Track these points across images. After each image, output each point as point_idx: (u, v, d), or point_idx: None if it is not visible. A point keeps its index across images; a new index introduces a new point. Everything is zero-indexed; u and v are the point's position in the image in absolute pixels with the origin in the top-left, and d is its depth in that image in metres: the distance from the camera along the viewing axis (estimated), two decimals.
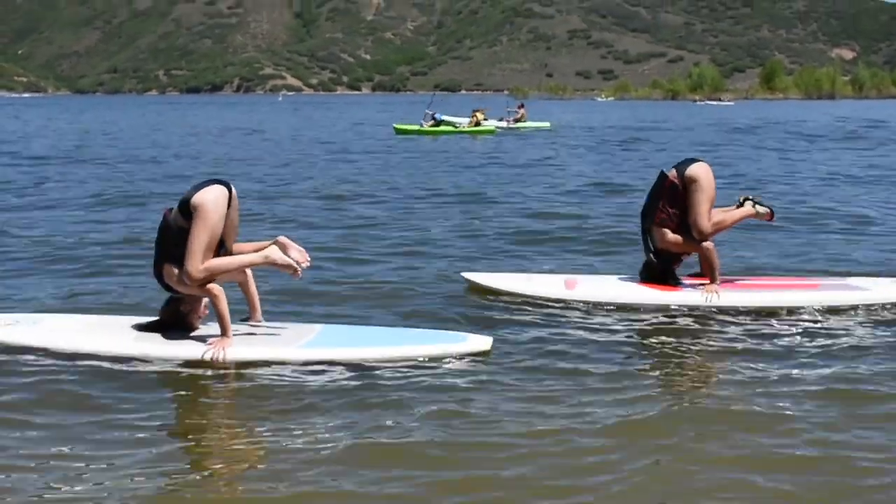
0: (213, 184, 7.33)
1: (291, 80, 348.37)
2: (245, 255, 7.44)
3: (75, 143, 36.98)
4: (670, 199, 9.01)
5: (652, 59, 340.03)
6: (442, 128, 42.76)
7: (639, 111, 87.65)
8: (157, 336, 7.49)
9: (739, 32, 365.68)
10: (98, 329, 7.62)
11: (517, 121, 48.26)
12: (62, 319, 7.89)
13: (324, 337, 7.57)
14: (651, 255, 9.18)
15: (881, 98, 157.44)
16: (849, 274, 10.07)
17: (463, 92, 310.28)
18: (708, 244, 9.01)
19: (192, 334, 7.55)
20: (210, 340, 7.32)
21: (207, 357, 7.18)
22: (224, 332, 7.30)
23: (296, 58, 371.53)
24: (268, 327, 7.84)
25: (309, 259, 7.56)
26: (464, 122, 43.76)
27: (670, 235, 9.03)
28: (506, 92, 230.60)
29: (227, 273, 7.33)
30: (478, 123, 43.09)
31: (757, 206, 9.37)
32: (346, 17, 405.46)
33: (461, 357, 7.40)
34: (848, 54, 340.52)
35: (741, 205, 9.37)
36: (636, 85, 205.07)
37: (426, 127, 42.97)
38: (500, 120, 47.70)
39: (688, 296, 8.95)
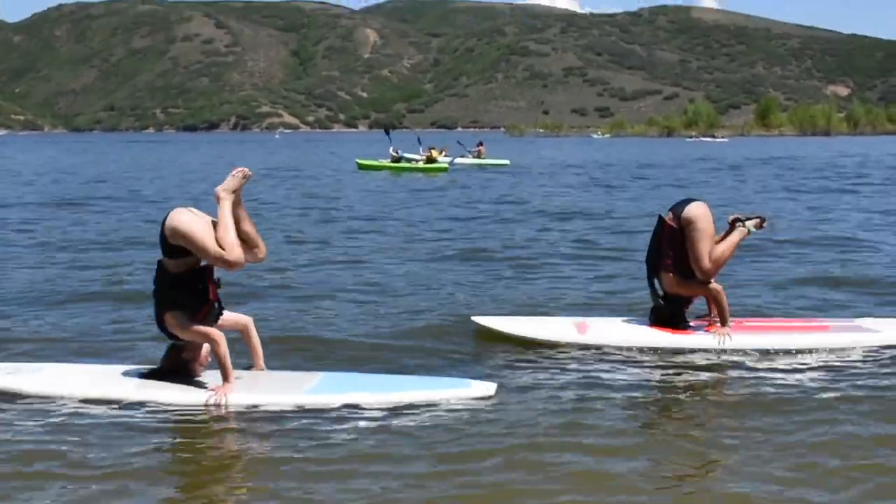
0: (174, 209, 7.33)
1: (288, 118, 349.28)
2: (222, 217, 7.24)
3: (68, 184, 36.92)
4: (672, 244, 8.92)
5: (647, 96, 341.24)
6: (402, 164, 44.13)
7: (611, 148, 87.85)
8: (159, 383, 7.42)
9: (734, 69, 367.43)
10: (100, 377, 7.56)
11: (477, 156, 49.91)
12: (64, 368, 7.82)
13: (326, 384, 7.50)
14: (660, 300, 9.08)
15: (876, 134, 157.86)
16: (857, 314, 10.04)
17: (459, 129, 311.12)
18: (716, 287, 8.92)
19: (195, 381, 7.49)
20: (212, 387, 7.28)
21: (210, 403, 7.13)
22: (226, 378, 7.25)
23: (293, 95, 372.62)
24: (270, 375, 7.79)
25: (246, 170, 7.40)
26: (420, 158, 44.96)
27: (677, 280, 8.93)
28: (502, 129, 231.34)
29: (236, 231, 7.17)
30: (432, 160, 43.95)
31: (747, 224, 9.18)
32: (342, 55, 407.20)
33: (466, 403, 7.32)
34: (843, 91, 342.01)
35: (732, 228, 9.20)
36: (632, 122, 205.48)
37: (386, 162, 44.45)
38: (462, 157, 49.24)
39: (700, 339, 8.85)
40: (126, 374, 7.64)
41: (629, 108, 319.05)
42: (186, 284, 7.30)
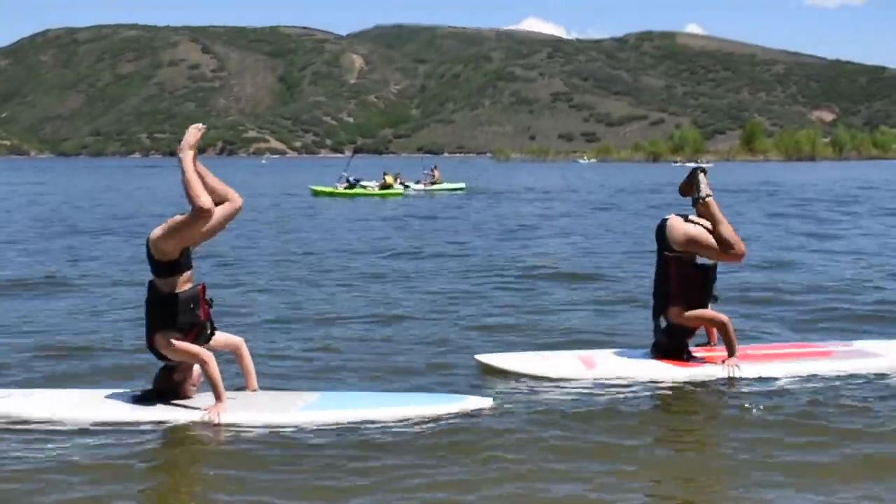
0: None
1: (275, 144, 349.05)
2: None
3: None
4: (681, 274, 8.87)
5: (634, 121, 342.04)
6: (356, 190, 44.91)
7: (590, 173, 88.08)
8: (151, 405, 7.42)
9: (720, 95, 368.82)
10: (91, 401, 7.53)
11: (433, 183, 50.33)
12: (54, 393, 7.78)
13: (321, 402, 7.51)
14: (663, 334, 8.96)
15: (861, 159, 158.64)
16: (852, 336, 10.13)
17: (446, 154, 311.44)
18: (723, 317, 8.85)
19: (188, 402, 7.47)
20: (205, 407, 7.26)
21: (204, 423, 7.11)
22: (218, 398, 7.25)
23: (279, 121, 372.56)
24: (265, 395, 7.77)
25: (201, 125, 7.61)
26: (375, 184, 45.90)
27: (687, 311, 8.84)
28: (488, 154, 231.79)
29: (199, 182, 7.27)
30: (387, 186, 44.81)
31: (703, 189, 8.89)
32: (329, 80, 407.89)
33: (461, 417, 7.35)
34: (828, 116, 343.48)
35: (697, 207, 8.95)
36: (618, 147, 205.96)
37: (340, 189, 45.15)
38: (417, 182, 49.98)
39: (710, 370, 8.80)
40: (117, 396, 7.62)
41: (615, 133, 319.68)
42: (178, 304, 7.29)
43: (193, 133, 7.47)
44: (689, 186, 9.02)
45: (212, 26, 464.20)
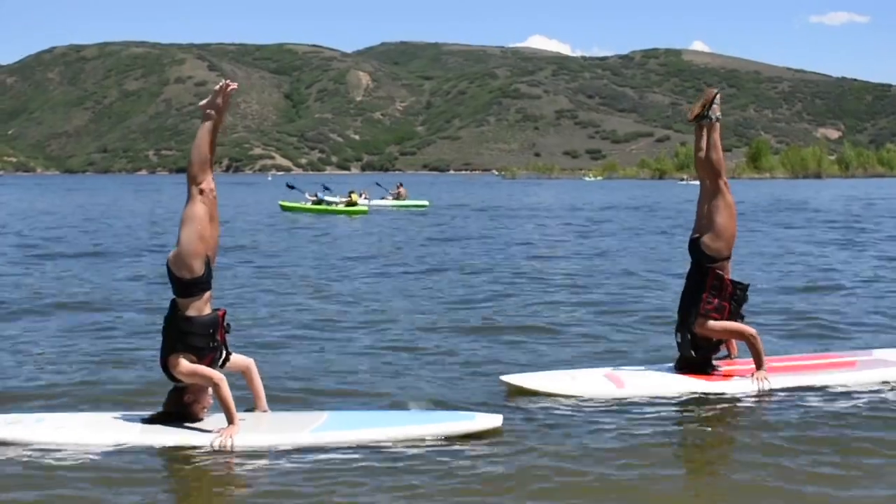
0: None
1: (281, 160, 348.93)
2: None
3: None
4: (716, 286, 8.89)
5: (639, 138, 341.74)
6: (322, 206, 45.76)
7: (585, 190, 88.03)
8: (162, 427, 7.39)
9: (726, 112, 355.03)
10: (102, 425, 7.51)
11: (396, 198, 51.71)
12: (64, 417, 7.74)
13: (332, 422, 7.50)
14: (689, 349, 8.98)
15: (867, 177, 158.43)
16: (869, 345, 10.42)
17: (451, 171, 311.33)
18: (751, 330, 8.92)
19: (198, 425, 7.45)
20: (217, 429, 7.25)
21: (215, 445, 7.10)
22: (230, 420, 7.24)
23: (285, 138, 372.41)
24: (275, 416, 7.76)
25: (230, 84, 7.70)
26: (341, 201, 46.71)
27: (716, 324, 8.87)
28: (494, 171, 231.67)
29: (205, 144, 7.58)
30: (352, 203, 45.41)
31: (712, 113, 9.31)
32: (335, 97, 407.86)
33: (471, 437, 7.34)
34: (833, 134, 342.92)
35: (709, 111, 9.27)
36: (624, 164, 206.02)
37: (308, 205, 46.14)
38: (382, 199, 51.36)
39: (739, 384, 8.83)
40: (127, 419, 7.61)
41: (621, 150, 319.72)
42: (196, 327, 7.29)
43: (223, 98, 7.54)
44: (703, 105, 9.28)
45: (218, 43, 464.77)
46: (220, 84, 7.56)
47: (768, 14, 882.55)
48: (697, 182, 9.22)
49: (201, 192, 7.34)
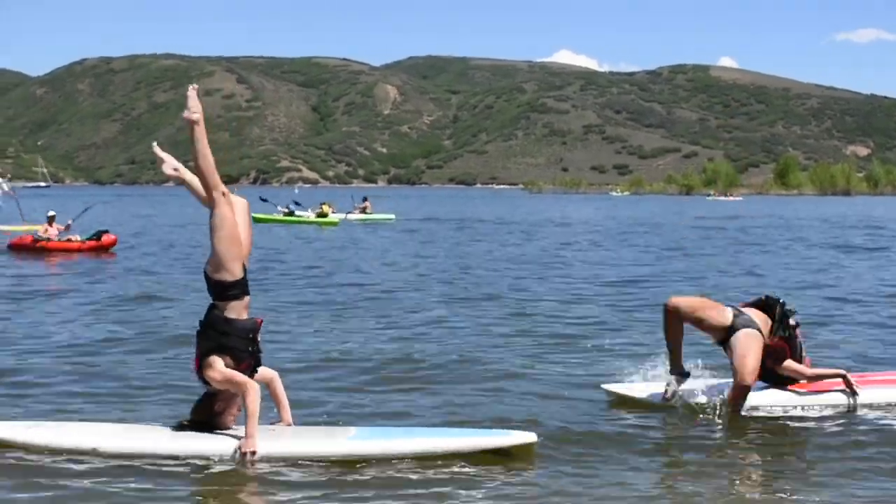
0: None
1: (308, 173, 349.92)
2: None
3: None
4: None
5: (667, 153, 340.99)
6: (293, 217, 46.61)
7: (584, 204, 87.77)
8: (190, 434, 7.29)
9: (754, 128, 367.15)
10: (125, 432, 7.43)
11: (362, 211, 52.78)
12: (86, 426, 7.64)
13: (359, 436, 7.34)
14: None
15: None
16: None
17: (479, 185, 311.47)
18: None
19: (226, 433, 7.33)
20: (243, 440, 7.13)
21: (240, 457, 7.01)
22: (250, 432, 7.10)
23: (312, 151, 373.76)
24: (303, 429, 7.64)
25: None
26: (312, 214, 47.77)
27: (792, 364, 8.83)
28: (520, 186, 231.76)
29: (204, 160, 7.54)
30: (323, 215, 46.34)
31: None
32: (362, 110, 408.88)
33: (508, 453, 7.21)
34: (862, 151, 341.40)
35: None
36: (651, 179, 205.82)
37: (280, 216, 46.89)
38: (348, 213, 52.07)
39: (830, 397, 8.81)
40: (157, 427, 7.53)
41: (648, 165, 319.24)
42: (236, 330, 7.20)
43: (196, 100, 7.42)
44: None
45: (247, 56, 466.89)
46: (190, 89, 7.46)
47: (795, 31, 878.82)
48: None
49: (224, 194, 7.25)
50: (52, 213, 28.00)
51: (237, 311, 7.24)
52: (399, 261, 25.61)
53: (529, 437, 7.40)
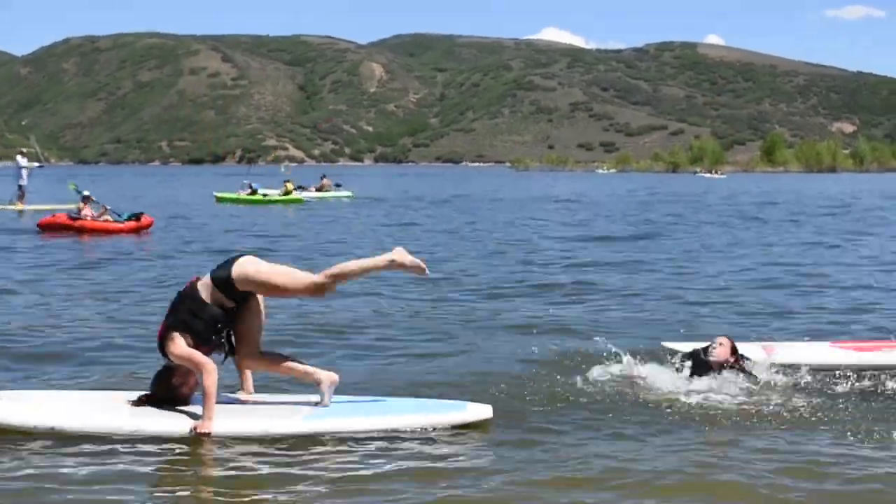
0: (239, 257, 7.31)
1: (294, 152, 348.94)
2: (370, 258, 7.27)
3: None
4: None
5: (653, 131, 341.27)
6: (257, 196, 46.57)
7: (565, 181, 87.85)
8: (146, 410, 7.22)
9: (740, 105, 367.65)
10: (85, 405, 7.30)
11: (319, 189, 53.30)
12: (47, 395, 7.55)
13: (315, 415, 7.27)
14: None
15: (882, 171, 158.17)
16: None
17: (465, 163, 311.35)
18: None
19: (184, 409, 7.27)
20: (201, 414, 7.06)
21: (194, 434, 6.95)
22: (207, 413, 7.03)
23: (298, 129, 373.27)
24: (263, 398, 7.63)
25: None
26: (276, 192, 48.00)
27: None
28: (507, 164, 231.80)
29: (352, 276, 7.25)
30: (287, 193, 46.66)
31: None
32: (348, 89, 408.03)
33: (464, 426, 7.20)
34: (848, 128, 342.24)
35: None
36: (637, 157, 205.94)
37: (243, 196, 46.91)
38: (304, 189, 51.96)
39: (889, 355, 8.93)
40: (113, 400, 7.46)
41: (635, 143, 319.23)
42: (207, 316, 7.16)
43: (416, 260, 7.34)
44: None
45: (233, 35, 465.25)
46: (422, 264, 7.39)
47: (784, 7, 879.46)
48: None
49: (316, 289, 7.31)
50: (86, 192, 27.88)
51: (220, 301, 7.20)
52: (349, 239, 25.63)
53: (485, 410, 7.37)
